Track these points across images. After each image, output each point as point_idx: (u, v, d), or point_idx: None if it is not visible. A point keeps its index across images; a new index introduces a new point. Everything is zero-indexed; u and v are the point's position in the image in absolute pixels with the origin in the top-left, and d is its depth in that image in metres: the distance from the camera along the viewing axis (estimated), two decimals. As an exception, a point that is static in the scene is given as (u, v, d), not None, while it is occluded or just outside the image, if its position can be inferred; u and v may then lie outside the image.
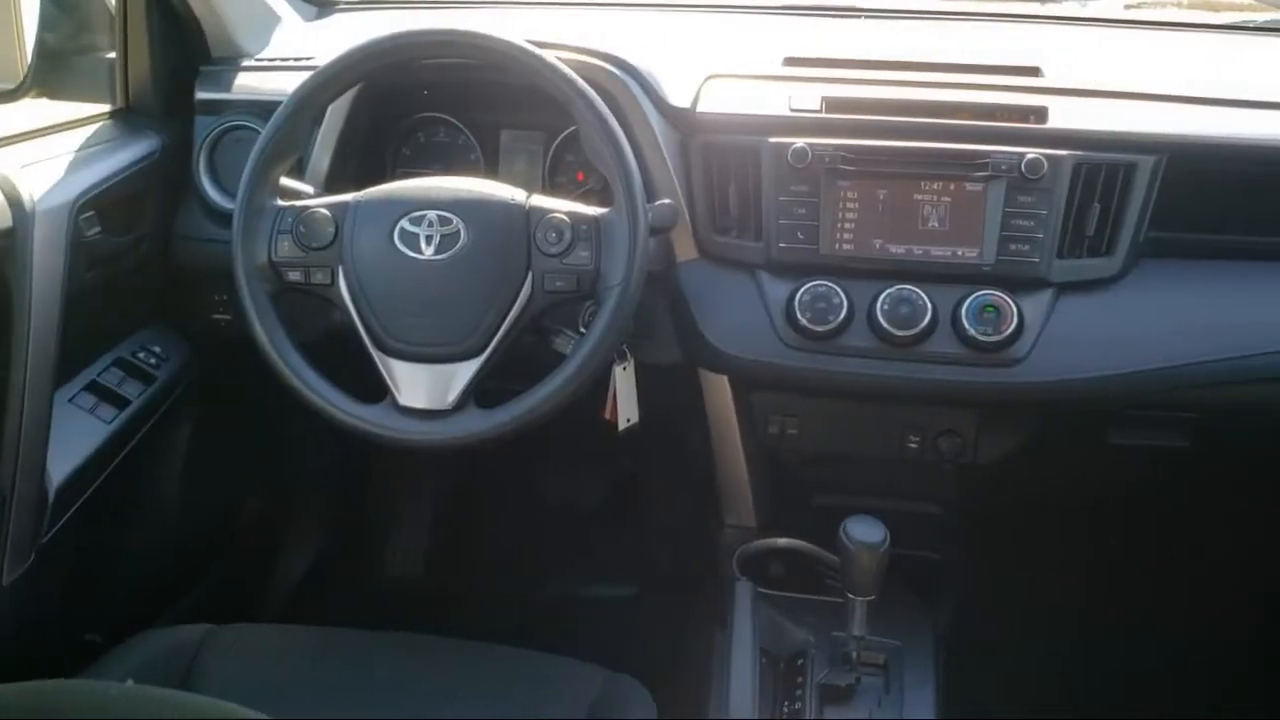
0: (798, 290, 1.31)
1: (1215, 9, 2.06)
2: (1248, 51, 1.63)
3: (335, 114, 1.41)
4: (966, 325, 1.27)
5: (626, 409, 1.37)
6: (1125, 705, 1.64)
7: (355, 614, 1.72)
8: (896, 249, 1.31)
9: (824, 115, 1.35)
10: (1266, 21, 1.74)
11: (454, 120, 1.51)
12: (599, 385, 1.34)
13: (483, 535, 2.04)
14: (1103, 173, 1.28)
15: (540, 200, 1.23)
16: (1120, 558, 1.76)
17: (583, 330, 1.25)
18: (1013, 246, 1.28)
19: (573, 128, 1.25)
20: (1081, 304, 1.29)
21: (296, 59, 1.50)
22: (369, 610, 1.86)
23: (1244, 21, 1.73)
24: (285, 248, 1.22)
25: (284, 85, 1.32)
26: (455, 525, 2.05)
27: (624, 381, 1.35)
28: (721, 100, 1.38)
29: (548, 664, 1.19)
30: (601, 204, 1.24)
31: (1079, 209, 1.29)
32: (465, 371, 1.19)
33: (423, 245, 1.19)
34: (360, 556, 2.01)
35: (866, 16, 1.69)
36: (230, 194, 1.44)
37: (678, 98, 1.37)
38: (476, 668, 1.19)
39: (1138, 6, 2.01)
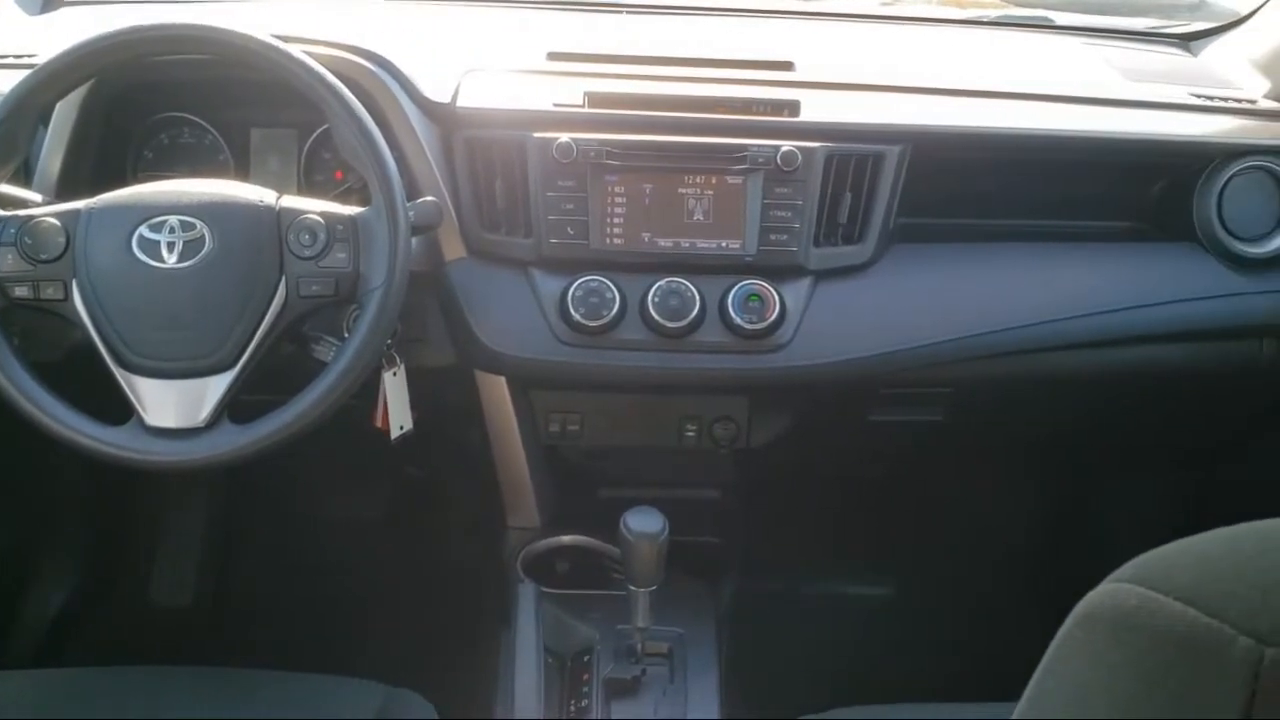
0: (570, 286, 1.30)
1: (961, 5, 2.18)
2: (984, 45, 1.74)
3: (65, 114, 1.30)
4: (733, 314, 1.30)
5: (399, 416, 1.33)
6: (896, 666, 1.72)
7: (120, 650, 1.60)
8: (665, 242, 1.32)
9: (587, 110, 1.35)
10: (999, 16, 1.85)
11: (199, 119, 1.43)
12: (370, 392, 1.30)
13: (258, 554, 1.95)
14: (853, 163, 1.33)
15: (292, 201, 1.18)
16: (886, 526, 1.85)
17: (347, 336, 1.21)
18: (772, 237, 1.32)
19: (328, 124, 1.20)
20: (838, 290, 1.34)
21: (16, 56, 1.38)
22: (135, 645, 1.74)
23: (978, 17, 1.84)
24: (9, 262, 1.12)
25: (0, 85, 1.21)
26: (228, 546, 1.95)
27: (394, 388, 1.31)
28: (483, 95, 1.36)
29: (324, 685, 1.15)
30: (362, 203, 1.20)
31: (832, 199, 1.33)
32: (217, 386, 1.12)
33: (164, 253, 1.12)
34: (124, 588, 1.88)
35: (628, 11, 1.70)
36: None
37: (437, 92, 1.34)
38: (247, 696, 1.13)
39: (892, 3, 2.11)
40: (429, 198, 1.24)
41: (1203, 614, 0.41)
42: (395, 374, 1.31)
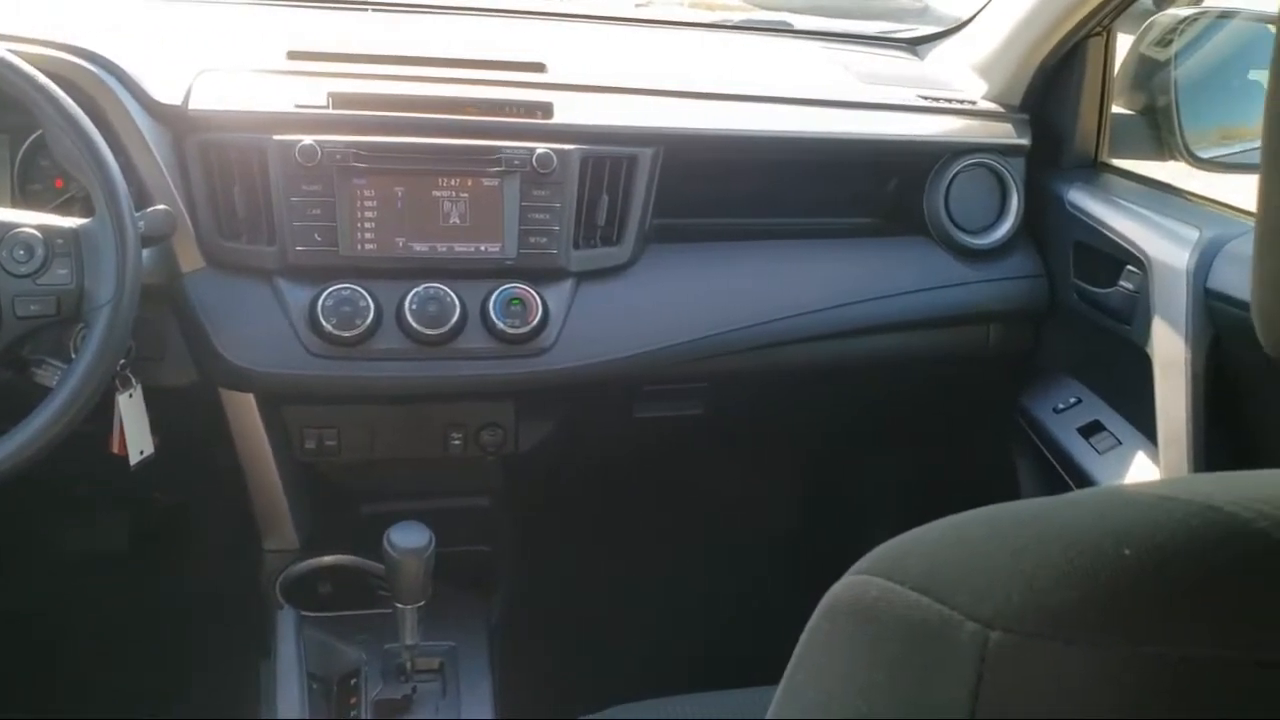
0: (320, 295, 1.25)
1: (711, 8, 2.24)
2: (730, 48, 1.79)
3: None
4: (495, 319, 1.29)
5: (138, 440, 1.24)
6: (675, 659, 1.75)
7: None
8: (420, 247, 1.29)
9: (331, 111, 1.30)
10: (742, 20, 1.91)
11: None
12: (105, 416, 1.21)
13: None
14: (608, 165, 1.34)
15: (3, 213, 1.09)
16: (656, 521, 1.88)
17: (73, 358, 1.12)
18: (532, 239, 1.31)
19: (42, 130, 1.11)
20: (599, 291, 1.35)
21: None
22: None
23: (723, 20, 1.89)
24: None
25: None
26: None
27: (131, 410, 1.23)
28: (218, 96, 1.28)
29: None
30: (86, 214, 1.11)
31: (590, 201, 1.34)
32: (-79, 418, 1.02)
33: None
34: None
35: (373, 9, 1.65)
36: None
37: (166, 94, 1.26)
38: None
39: (646, 4, 2.13)
40: (160, 206, 1.17)
41: (935, 602, 0.42)
42: (131, 395, 1.22)
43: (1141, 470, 1.36)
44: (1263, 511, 0.41)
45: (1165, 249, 1.29)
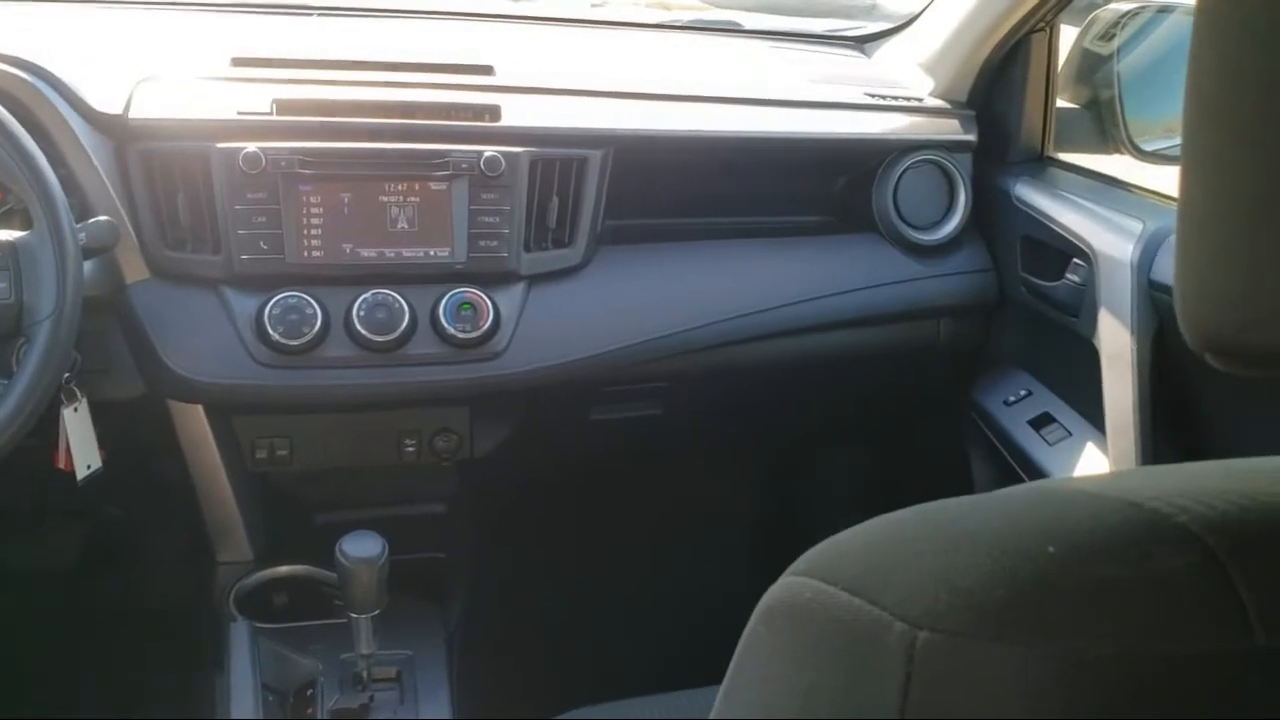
0: (267, 304, 1.24)
1: (667, 8, 2.24)
2: (681, 48, 1.78)
3: None
4: (445, 324, 1.28)
5: (85, 455, 1.22)
6: (635, 661, 1.75)
7: None
8: (368, 253, 1.28)
9: (276, 118, 1.29)
10: (691, 20, 1.91)
11: None
12: (50, 431, 1.19)
13: None
14: (557, 167, 1.34)
15: None
16: (614, 523, 1.88)
17: (15, 373, 1.10)
18: (482, 243, 1.31)
19: None
20: (551, 294, 1.35)
21: None
22: None
23: (671, 21, 1.89)
24: None
25: None
26: None
27: (77, 425, 1.21)
28: (160, 105, 1.27)
29: None
30: (25, 226, 1.10)
31: (540, 203, 1.34)
32: None
33: None
34: None
35: (319, 14, 1.64)
36: None
37: (106, 103, 1.24)
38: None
39: (603, 4, 2.13)
40: (102, 217, 1.16)
41: (866, 603, 0.43)
42: (77, 410, 1.21)
43: (1091, 461, 1.37)
44: (1184, 506, 0.41)
45: (1110, 241, 1.30)
